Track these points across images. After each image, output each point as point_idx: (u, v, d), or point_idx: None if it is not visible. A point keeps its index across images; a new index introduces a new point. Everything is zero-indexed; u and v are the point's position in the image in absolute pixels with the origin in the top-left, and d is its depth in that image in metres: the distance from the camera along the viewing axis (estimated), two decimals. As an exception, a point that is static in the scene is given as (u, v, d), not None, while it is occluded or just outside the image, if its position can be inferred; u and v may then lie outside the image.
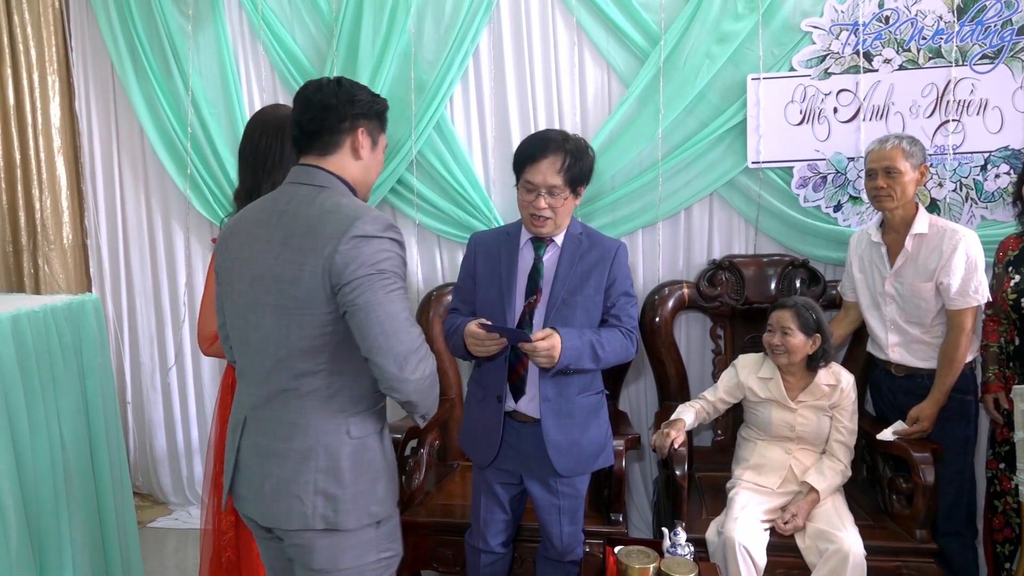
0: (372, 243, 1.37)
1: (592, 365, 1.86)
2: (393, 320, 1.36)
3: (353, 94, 1.48)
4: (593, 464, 1.97)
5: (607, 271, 1.91)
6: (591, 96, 2.88)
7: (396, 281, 1.40)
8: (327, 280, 1.37)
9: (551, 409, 1.90)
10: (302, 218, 1.41)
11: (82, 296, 2.36)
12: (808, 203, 2.74)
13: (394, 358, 1.36)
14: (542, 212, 1.85)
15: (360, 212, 1.39)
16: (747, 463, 2.34)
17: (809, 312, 2.25)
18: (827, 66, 2.67)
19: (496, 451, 1.96)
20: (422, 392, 1.43)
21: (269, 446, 1.45)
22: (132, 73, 3.10)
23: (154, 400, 3.39)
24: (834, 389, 2.27)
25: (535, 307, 1.90)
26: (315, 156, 1.49)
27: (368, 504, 1.46)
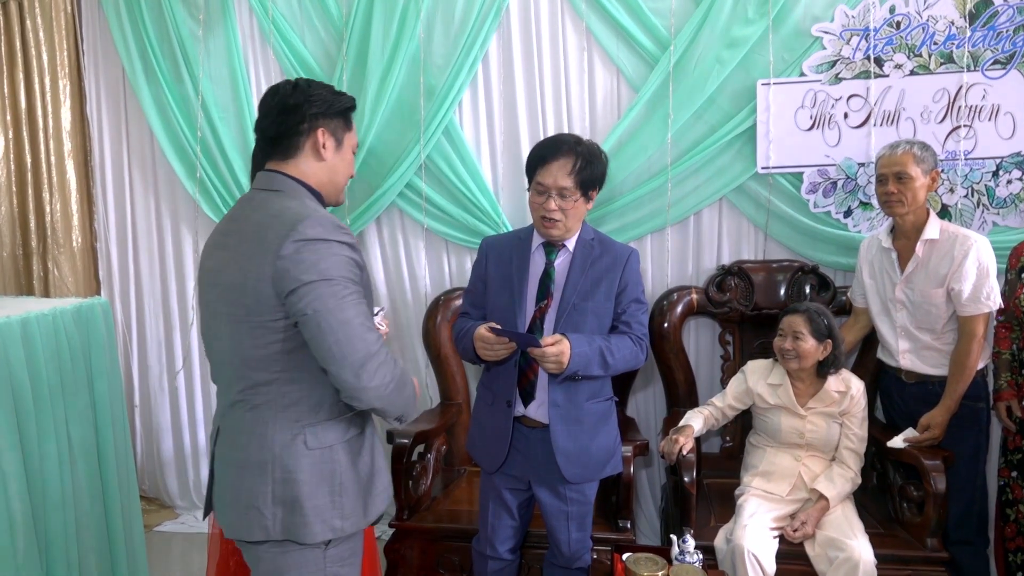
0: (316, 247, 1.34)
1: (601, 372, 1.86)
2: (346, 327, 1.33)
3: (310, 94, 1.45)
4: (601, 471, 1.97)
5: (618, 277, 1.91)
6: (600, 101, 2.88)
7: (347, 286, 1.36)
8: (272, 287, 1.35)
9: (560, 415, 1.89)
10: (252, 224, 1.40)
11: (91, 299, 2.37)
12: (818, 209, 2.73)
13: (350, 367, 1.33)
14: (552, 214, 1.85)
15: (304, 215, 1.36)
16: (756, 470, 2.33)
17: (821, 317, 2.24)
18: (838, 71, 2.66)
19: (505, 456, 1.96)
20: (385, 399, 1.39)
21: (232, 456, 1.45)
22: (143, 77, 3.12)
23: (161, 403, 3.40)
24: (844, 396, 2.26)
25: (546, 312, 1.90)
26: (277, 161, 1.48)
27: (331, 518, 1.42)
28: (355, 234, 3.03)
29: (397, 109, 2.94)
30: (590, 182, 1.86)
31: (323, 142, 1.47)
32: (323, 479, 1.42)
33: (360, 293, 1.40)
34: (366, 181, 3.01)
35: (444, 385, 2.88)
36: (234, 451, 1.44)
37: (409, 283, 3.09)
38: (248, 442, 1.42)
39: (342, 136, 1.51)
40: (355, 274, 1.39)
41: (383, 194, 2.95)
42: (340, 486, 1.43)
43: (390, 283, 3.12)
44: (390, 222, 3.08)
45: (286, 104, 1.45)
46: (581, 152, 1.85)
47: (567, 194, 1.84)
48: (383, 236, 3.10)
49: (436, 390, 2.95)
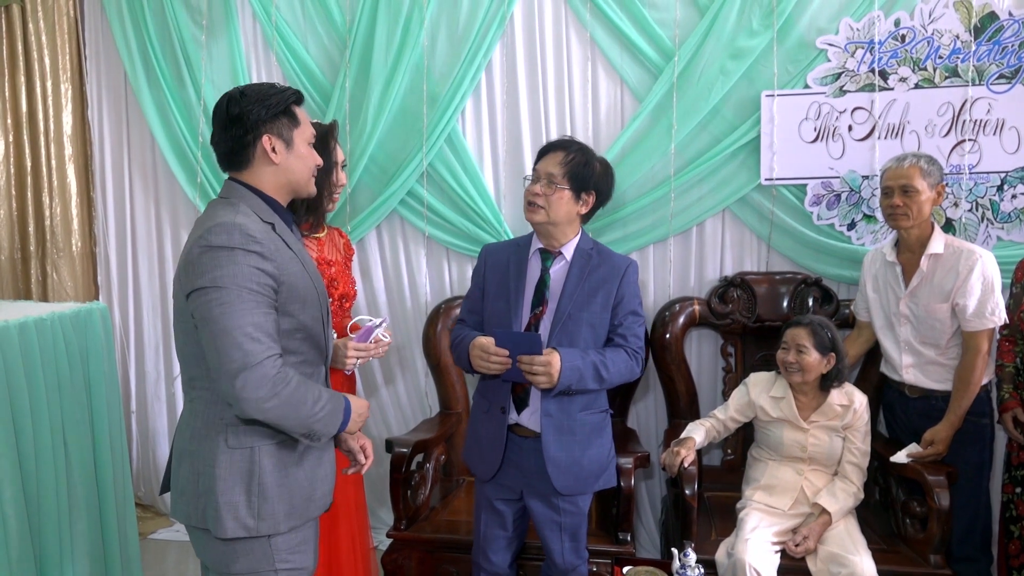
0: (216, 255, 1.36)
1: (595, 386, 1.88)
2: (225, 336, 1.33)
3: (245, 104, 1.46)
4: (594, 484, 1.97)
5: (615, 288, 1.92)
6: (604, 111, 2.89)
7: (240, 295, 1.35)
8: (180, 291, 1.43)
9: (552, 425, 1.90)
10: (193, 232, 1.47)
11: (90, 304, 2.38)
12: (822, 221, 2.74)
13: (225, 375, 1.34)
14: (535, 198, 1.89)
15: (217, 222, 1.38)
16: (758, 483, 2.33)
17: (825, 330, 2.25)
18: (842, 84, 2.67)
19: (498, 465, 1.96)
20: (266, 412, 1.36)
21: (177, 444, 1.54)
22: (145, 82, 3.13)
23: (158, 410, 3.40)
24: (847, 410, 2.26)
25: (541, 319, 1.91)
26: (235, 170, 1.53)
27: (244, 517, 1.44)
28: (356, 241, 3.04)
29: (400, 116, 2.95)
30: (581, 179, 1.89)
31: (271, 147, 1.49)
32: (239, 478, 1.45)
33: (260, 303, 1.38)
34: (368, 188, 3.02)
35: (444, 394, 2.88)
36: (179, 439, 1.53)
37: (409, 291, 3.10)
38: (185, 432, 1.51)
39: (290, 135, 1.52)
40: (260, 284, 1.38)
41: (384, 201, 2.96)
42: (259, 487, 1.46)
43: (390, 291, 3.12)
44: (391, 229, 3.09)
45: (226, 118, 1.48)
46: (576, 149, 1.91)
47: (554, 181, 1.88)
48: (384, 243, 3.11)
49: (436, 399, 2.94)
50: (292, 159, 1.52)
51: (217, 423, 1.46)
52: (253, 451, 1.46)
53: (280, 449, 1.49)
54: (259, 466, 1.46)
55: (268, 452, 1.47)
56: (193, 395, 1.50)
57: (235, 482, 1.45)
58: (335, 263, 2.15)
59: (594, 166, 1.91)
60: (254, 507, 1.45)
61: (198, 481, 1.46)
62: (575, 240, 1.96)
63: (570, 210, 1.91)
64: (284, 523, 1.49)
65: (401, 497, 2.37)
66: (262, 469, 1.46)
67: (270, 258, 1.41)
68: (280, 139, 1.50)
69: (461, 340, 1.97)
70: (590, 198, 1.93)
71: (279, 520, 1.48)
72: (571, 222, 1.93)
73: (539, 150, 1.97)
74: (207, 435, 1.46)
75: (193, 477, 1.47)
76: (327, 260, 2.12)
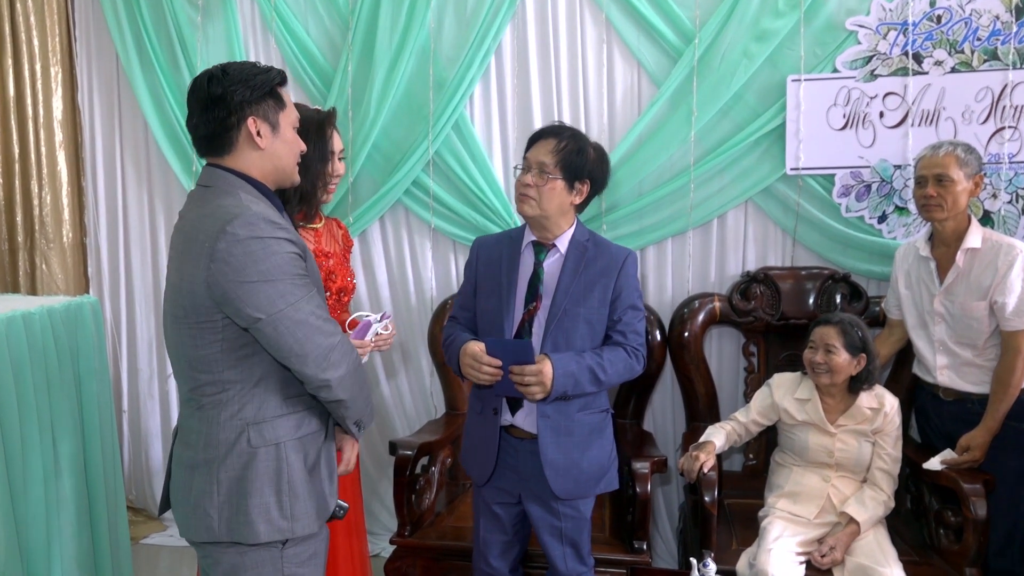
0: (250, 247, 1.36)
1: (593, 389, 1.88)
2: (304, 327, 1.40)
3: (229, 83, 1.44)
4: (594, 488, 1.96)
5: (613, 282, 1.91)
6: (620, 96, 2.88)
7: (294, 283, 1.41)
8: (206, 291, 1.38)
9: (549, 426, 1.90)
10: (188, 224, 1.45)
11: (80, 298, 2.38)
12: (850, 213, 2.72)
13: (313, 362, 1.42)
14: (526, 189, 1.88)
15: (235, 213, 1.38)
16: (781, 490, 2.31)
17: (855, 329, 2.23)
18: (873, 67, 2.65)
19: (492, 468, 1.97)
20: (348, 388, 1.48)
21: (184, 455, 1.50)
22: (137, 65, 3.13)
23: (151, 409, 3.41)
24: (877, 413, 2.24)
25: (534, 316, 1.91)
26: (215, 156, 1.50)
27: (276, 519, 1.45)
28: (358, 233, 3.04)
29: (405, 102, 2.94)
30: (575, 168, 1.88)
31: (256, 131, 1.47)
32: (268, 478, 1.45)
33: (308, 285, 1.45)
34: (371, 177, 3.02)
35: (450, 394, 2.88)
36: (186, 450, 1.50)
37: (414, 285, 3.09)
38: (196, 441, 1.47)
39: (276, 118, 1.50)
40: (299, 267, 1.44)
41: (388, 191, 2.95)
42: (289, 486, 1.47)
43: (394, 285, 3.12)
44: (395, 221, 3.08)
45: (207, 98, 1.45)
46: (568, 136, 1.90)
47: (545, 170, 1.87)
48: (387, 235, 3.10)
49: (441, 399, 2.94)
50: (278, 144, 1.51)
51: (236, 425, 1.45)
52: (279, 448, 1.47)
53: (304, 444, 1.51)
54: (287, 463, 1.47)
55: (294, 448, 1.48)
56: (204, 402, 1.46)
57: (264, 482, 1.45)
58: (333, 255, 2.16)
59: (588, 153, 1.90)
60: (286, 507, 1.46)
61: (218, 490, 1.44)
62: (570, 231, 1.96)
63: (563, 201, 1.90)
64: (316, 522, 1.51)
65: (405, 502, 2.37)
66: (290, 466, 1.47)
67: (295, 240, 1.44)
68: (266, 122, 1.48)
69: (452, 341, 1.98)
70: (584, 187, 1.92)
71: (311, 519, 1.50)
72: (564, 213, 1.93)
73: (529, 137, 1.96)
74: (225, 439, 1.45)
75: (211, 487, 1.45)
76: (325, 252, 2.12)
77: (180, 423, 1.55)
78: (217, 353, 1.43)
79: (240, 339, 1.43)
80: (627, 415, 2.79)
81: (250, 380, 1.46)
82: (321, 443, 1.56)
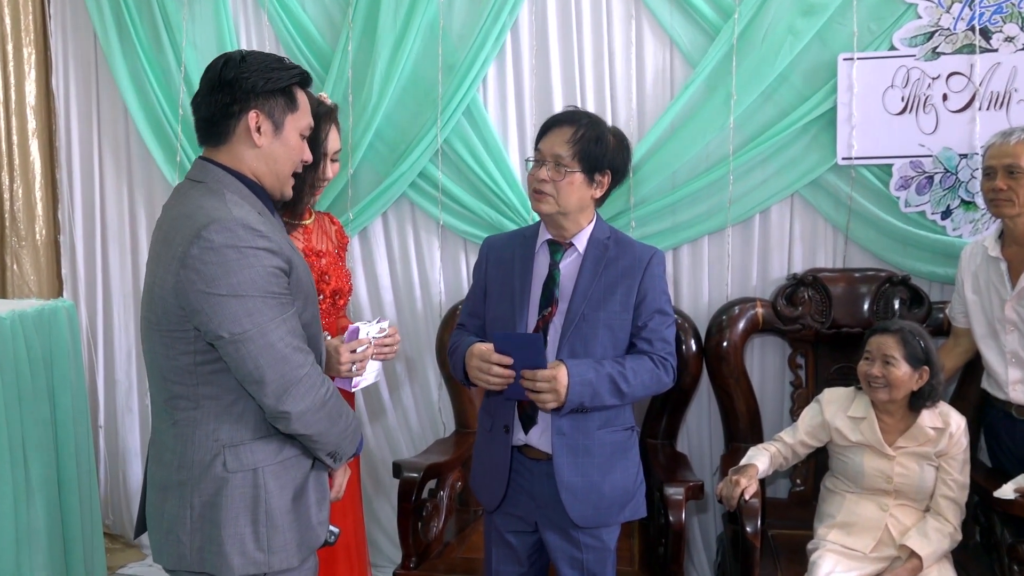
0: (225, 256, 1.38)
1: (614, 401, 1.87)
2: (269, 352, 1.40)
3: (243, 69, 1.48)
4: (618, 515, 1.96)
5: (637, 283, 1.92)
6: (650, 78, 2.88)
7: (267, 303, 1.41)
8: (175, 298, 1.41)
9: (566, 445, 1.89)
10: (167, 222, 1.47)
11: (55, 301, 2.42)
12: (910, 208, 2.70)
13: (272, 392, 1.42)
14: (541, 185, 1.88)
15: (214, 217, 1.39)
16: (833, 520, 2.30)
17: (917, 339, 2.21)
18: (935, 44, 2.63)
19: (503, 492, 1.96)
20: (312, 425, 1.47)
21: (157, 475, 1.52)
22: (117, 45, 3.16)
23: (130, 424, 3.44)
24: (941, 434, 2.23)
25: (550, 321, 1.92)
26: (210, 147, 1.52)
27: (252, 551, 1.46)
28: (359, 230, 3.06)
29: (411, 86, 2.95)
30: (594, 159, 1.88)
31: (256, 126, 1.49)
32: (243, 506, 1.46)
33: (285, 305, 1.45)
34: (373, 169, 3.03)
35: (460, 410, 2.89)
36: (159, 469, 1.52)
37: (420, 289, 3.10)
38: (170, 460, 1.49)
39: (282, 118, 1.53)
40: (278, 283, 1.44)
41: (392, 184, 2.97)
42: (267, 515, 1.47)
43: (397, 289, 3.13)
44: (399, 217, 3.10)
45: (217, 81, 1.48)
46: (586, 123, 1.89)
47: (562, 163, 1.87)
48: (391, 234, 3.11)
49: (451, 416, 2.95)
50: (277, 146, 1.53)
51: (210, 445, 1.46)
52: (257, 473, 1.47)
53: (285, 469, 1.51)
54: (265, 490, 1.47)
55: (273, 473, 1.49)
56: (177, 416, 1.48)
57: (239, 511, 1.45)
58: (326, 254, 2.17)
59: (607, 140, 1.91)
60: (263, 539, 1.47)
61: (191, 516, 1.46)
62: (588, 228, 1.96)
63: (583, 196, 1.91)
64: (296, 555, 1.51)
65: (411, 530, 2.37)
66: (268, 493, 1.48)
67: (278, 251, 1.45)
68: (269, 119, 1.51)
69: (457, 347, 1.99)
70: (605, 179, 1.93)
71: (291, 552, 1.50)
72: (584, 209, 1.94)
73: (541, 126, 1.95)
74: (199, 461, 1.46)
75: (183, 512, 1.46)
76: (316, 251, 2.14)
77: (154, 437, 1.57)
78: (190, 365, 1.45)
79: (214, 352, 1.45)
80: (659, 435, 2.79)
81: (226, 397, 1.47)
82: (309, 468, 1.56)
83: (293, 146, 1.56)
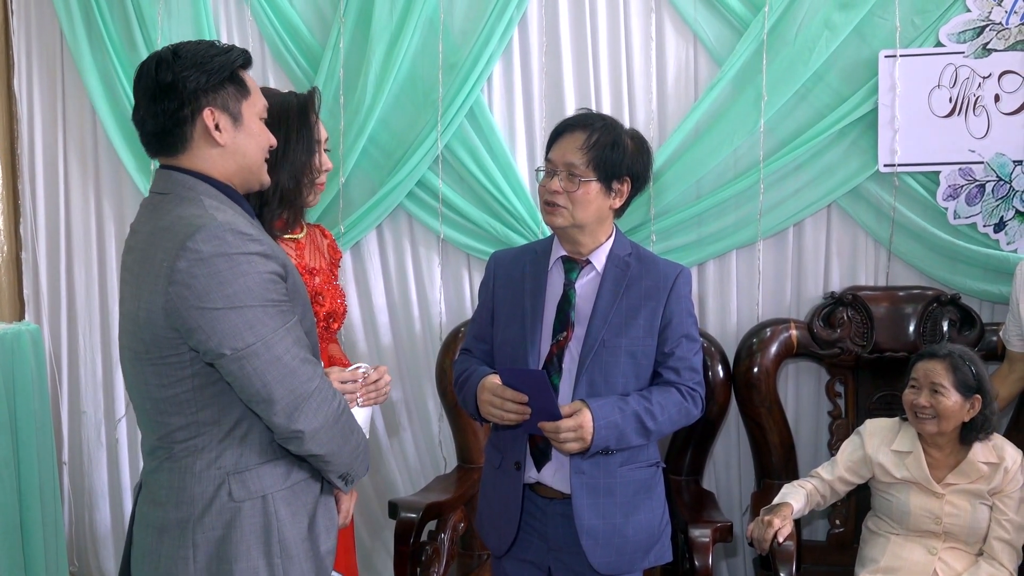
0: (216, 266, 1.39)
1: (640, 441, 1.89)
2: (276, 366, 1.43)
3: (180, 68, 1.46)
4: (642, 560, 1.97)
5: (662, 306, 1.93)
6: (672, 78, 2.91)
7: (267, 312, 1.43)
8: (165, 319, 1.42)
9: (585, 484, 1.90)
10: (143, 240, 1.48)
11: (18, 325, 2.46)
12: (959, 220, 2.73)
13: (282, 410, 1.44)
14: (554, 197, 1.89)
15: (197, 225, 1.41)
16: (876, 565, 2.31)
17: (968, 365, 2.23)
18: (986, 40, 2.66)
19: (514, 535, 1.97)
20: (325, 444, 1.50)
21: (151, 515, 1.53)
22: (86, 43, 3.18)
23: (97, 460, 3.44)
24: (995, 469, 2.25)
25: (565, 347, 1.93)
26: (168, 156, 1.53)
27: None
28: (351, 244, 3.08)
29: (408, 86, 2.99)
30: (611, 166, 1.89)
31: (214, 124, 1.50)
32: (256, 538, 1.49)
33: (286, 313, 1.48)
34: (367, 177, 3.06)
35: (462, 443, 2.91)
36: (153, 509, 1.53)
37: (419, 310, 3.13)
38: (167, 498, 1.50)
39: (238, 108, 1.53)
40: (276, 290, 1.47)
41: (388, 194, 2.99)
42: (280, 545, 1.50)
43: (394, 309, 3.16)
44: (395, 230, 3.13)
45: (155, 87, 1.47)
46: (600, 126, 1.91)
47: (576, 172, 1.88)
48: (386, 248, 3.15)
49: (452, 450, 2.97)
50: (242, 138, 1.54)
51: (213, 475, 1.48)
52: (267, 501, 1.50)
53: (295, 495, 1.54)
54: (276, 519, 1.50)
55: (284, 500, 1.52)
56: (175, 450, 1.49)
57: (251, 543, 1.48)
58: (319, 271, 2.18)
59: (624, 145, 1.92)
60: (278, 572, 1.50)
61: (194, 556, 1.47)
62: (607, 244, 1.98)
63: (601, 206, 1.93)
64: None
65: (409, 576, 2.40)
66: (280, 522, 1.51)
67: (272, 255, 1.47)
68: (226, 113, 1.51)
69: (467, 378, 2.00)
70: (624, 187, 1.94)
71: None
72: (603, 221, 1.96)
73: (551, 132, 1.98)
74: (201, 494, 1.48)
75: (184, 552, 1.47)
76: (309, 268, 2.15)
77: (144, 478, 1.59)
78: (188, 391, 1.47)
79: (214, 373, 1.47)
80: (683, 470, 2.80)
81: (228, 420, 1.49)
82: (318, 493, 1.60)
83: (257, 132, 1.57)
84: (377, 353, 3.15)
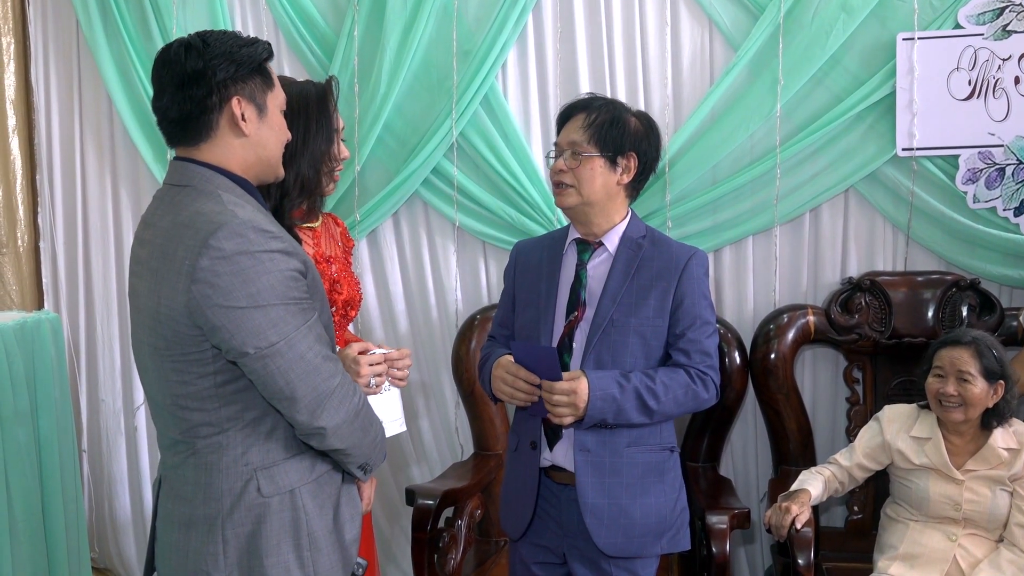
0: (239, 264, 1.40)
1: (641, 420, 1.89)
2: (300, 364, 1.44)
3: (211, 55, 1.47)
4: (654, 545, 1.97)
5: (673, 286, 1.94)
6: (687, 62, 2.90)
7: (289, 311, 1.44)
8: (188, 318, 1.42)
9: (589, 462, 1.92)
10: (161, 233, 1.47)
11: (38, 314, 2.46)
12: (979, 204, 2.71)
13: (305, 407, 1.46)
14: (561, 176, 1.94)
15: (219, 222, 1.41)
16: (895, 552, 2.31)
17: (991, 351, 2.22)
18: (1006, 22, 2.64)
19: (530, 518, 1.99)
20: (347, 438, 1.52)
21: (176, 511, 1.54)
22: (102, 33, 3.21)
23: (117, 448, 3.48)
24: (1016, 455, 2.24)
25: (575, 327, 1.95)
26: (187, 146, 1.53)
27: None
28: (367, 232, 3.10)
29: (422, 73, 2.99)
30: (612, 141, 1.93)
31: (240, 114, 1.50)
32: (285, 532, 1.50)
33: (307, 311, 1.49)
34: (382, 165, 3.07)
35: (479, 431, 2.91)
36: (178, 505, 1.54)
37: (435, 297, 3.14)
38: (193, 494, 1.51)
39: (263, 99, 1.54)
40: (298, 288, 1.47)
41: (403, 182, 3.00)
42: (309, 538, 1.52)
43: (410, 297, 3.17)
44: (411, 218, 3.14)
45: (184, 74, 1.47)
46: (599, 105, 1.96)
47: (580, 150, 1.92)
48: (402, 236, 3.16)
49: (469, 437, 2.98)
50: (264, 130, 1.55)
51: (240, 471, 1.49)
52: (294, 495, 1.52)
53: (320, 487, 1.56)
54: (304, 512, 1.52)
55: (311, 493, 1.54)
56: (199, 446, 1.50)
57: (281, 538, 1.50)
58: (335, 259, 2.19)
59: (626, 121, 1.96)
60: (308, 565, 1.51)
61: (224, 551, 1.48)
62: (621, 226, 1.99)
63: (607, 181, 1.94)
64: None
65: (426, 563, 2.40)
66: (308, 515, 1.52)
67: (293, 252, 1.48)
68: (252, 104, 1.52)
69: (486, 359, 2.04)
70: (630, 162, 1.96)
71: (337, 574, 1.56)
72: (613, 198, 1.97)
73: (557, 117, 2.02)
74: (229, 490, 1.49)
75: (214, 548, 1.48)
76: (326, 256, 2.16)
77: (165, 473, 1.59)
78: (210, 388, 1.47)
79: (236, 370, 1.47)
80: (699, 457, 2.80)
81: (251, 416, 1.50)
82: (340, 483, 1.61)
83: (278, 126, 1.58)
84: (394, 340, 3.15)
